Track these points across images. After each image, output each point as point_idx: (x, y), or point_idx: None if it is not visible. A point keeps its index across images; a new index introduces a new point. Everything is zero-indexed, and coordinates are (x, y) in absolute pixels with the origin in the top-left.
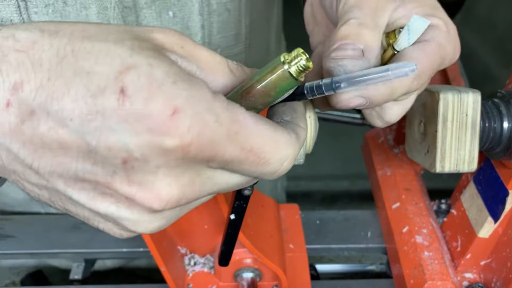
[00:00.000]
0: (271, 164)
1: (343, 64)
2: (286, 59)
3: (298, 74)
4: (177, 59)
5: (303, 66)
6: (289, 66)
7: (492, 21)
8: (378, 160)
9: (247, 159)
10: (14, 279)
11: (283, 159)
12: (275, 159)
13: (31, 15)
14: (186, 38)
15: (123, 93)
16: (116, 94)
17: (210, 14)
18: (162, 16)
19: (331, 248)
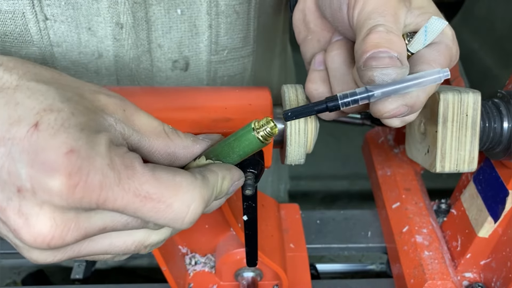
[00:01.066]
0: (174, 208)
1: (388, 72)
2: (256, 126)
3: (265, 139)
4: (115, 122)
5: (269, 133)
6: (257, 132)
7: (491, 21)
8: (378, 160)
9: (144, 205)
10: (15, 279)
11: (188, 202)
12: (178, 202)
13: (43, 8)
14: (128, 103)
15: (35, 126)
16: (28, 126)
17: (218, 14)
18: (170, 13)
19: (332, 248)
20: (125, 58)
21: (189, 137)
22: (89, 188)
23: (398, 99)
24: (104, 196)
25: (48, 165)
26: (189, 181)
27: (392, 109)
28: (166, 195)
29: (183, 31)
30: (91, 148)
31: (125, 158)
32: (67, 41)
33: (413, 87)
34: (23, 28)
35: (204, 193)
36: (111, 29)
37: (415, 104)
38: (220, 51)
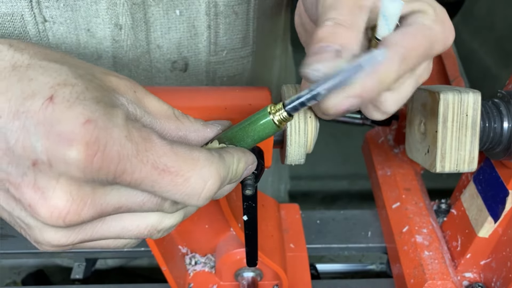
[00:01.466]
0: (191, 183)
1: (318, 68)
2: (272, 110)
3: (280, 123)
4: (127, 102)
5: (285, 118)
6: (273, 116)
7: (491, 21)
8: (378, 160)
9: (161, 178)
10: (15, 279)
11: (205, 177)
12: (195, 177)
13: (42, 10)
14: (139, 86)
15: (50, 99)
16: (44, 99)
17: (217, 15)
18: (169, 14)
19: (332, 248)
20: (124, 59)
21: (199, 121)
22: (107, 159)
23: (339, 92)
24: (122, 167)
25: (65, 136)
26: (206, 157)
27: (334, 106)
28: (184, 168)
29: (182, 32)
30: (108, 120)
31: (143, 131)
32: (66, 42)
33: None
34: (22, 30)
35: (221, 170)
36: (110, 31)
37: (362, 93)
38: (219, 52)
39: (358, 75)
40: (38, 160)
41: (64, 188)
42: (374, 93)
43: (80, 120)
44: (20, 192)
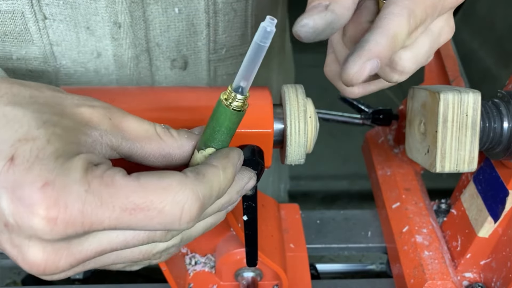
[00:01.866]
0: (167, 212)
1: (305, 23)
2: (225, 97)
3: (240, 107)
4: (100, 135)
5: (241, 99)
6: (229, 103)
7: (491, 21)
8: (378, 160)
9: (134, 217)
10: (15, 279)
11: (180, 203)
12: (169, 205)
13: (42, 7)
14: (115, 110)
15: (11, 160)
16: (5, 160)
17: (216, 13)
18: (168, 12)
19: (332, 248)
20: (124, 57)
21: (183, 135)
22: (71, 218)
23: (357, 59)
24: (89, 221)
25: (25, 201)
26: (179, 181)
27: (357, 71)
28: (155, 201)
29: (181, 30)
30: (66, 176)
31: (104, 177)
32: (66, 40)
33: (255, 54)
34: (23, 27)
35: (197, 190)
36: (109, 29)
37: (380, 52)
38: (218, 50)
39: (259, 52)
40: (8, 222)
41: (36, 246)
42: (390, 50)
43: (38, 184)
44: (2, 246)
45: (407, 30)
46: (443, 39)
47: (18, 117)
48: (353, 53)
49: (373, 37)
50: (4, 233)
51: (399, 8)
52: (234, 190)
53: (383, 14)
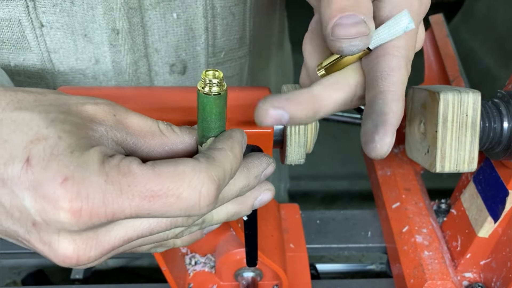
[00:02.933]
0: (185, 197)
1: (356, 44)
2: (202, 86)
3: (218, 91)
4: (106, 130)
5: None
6: (208, 90)
7: (492, 21)
8: (378, 160)
9: (154, 204)
10: (15, 279)
11: (197, 187)
12: (187, 190)
13: (39, 15)
14: (118, 107)
15: (28, 162)
16: (22, 162)
17: (214, 17)
18: (166, 18)
19: (332, 248)
20: (122, 63)
21: (185, 131)
22: (94, 209)
23: (384, 137)
24: (111, 210)
25: (48, 198)
26: (193, 166)
27: (388, 149)
28: (172, 187)
29: (180, 34)
30: (84, 169)
31: (121, 166)
32: (63, 47)
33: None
34: (20, 35)
35: (211, 173)
36: (107, 35)
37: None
38: (217, 53)
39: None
40: (35, 221)
41: (66, 239)
42: (403, 109)
43: (58, 180)
44: (33, 246)
45: (407, 77)
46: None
47: (26, 121)
48: (378, 132)
49: (388, 107)
50: (33, 233)
51: (396, 59)
52: (252, 175)
53: (384, 71)
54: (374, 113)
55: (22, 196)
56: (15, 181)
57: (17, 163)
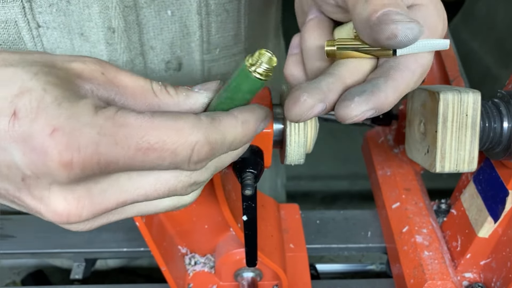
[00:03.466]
0: (179, 152)
1: (411, 27)
2: (251, 62)
3: (265, 75)
4: (94, 88)
5: (267, 68)
6: (254, 70)
7: (491, 21)
8: (378, 160)
9: (147, 156)
10: (14, 279)
11: (191, 144)
12: (182, 146)
13: (35, 16)
14: (108, 65)
15: (14, 115)
16: (8, 116)
17: (208, 14)
18: (161, 15)
19: (331, 248)
20: (119, 62)
21: (181, 93)
22: (85, 159)
23: (363, 103)
24: (104, 161)
25: (38, 150)
26: (191, 124)
27: (356, 115)
28: (168, 142)
29: (174, 32)
30: (75, 121)
31: (116, 118)
32: (60, 47)
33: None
34: (17, 36)
35: (209, 134)
36: (103, 34)
37: (383, 105)
38: (212, 50)
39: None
40: (24, 175)
41: (57, 195)
42: (392, 105)
43: (47, 132)
44: (24, 203)
45: (412, 88)
46: None
47: (9, 76)
48: (362, 95)
49: (385, 87)
50: (22, 189)
51: (416, 65)
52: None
53: (399, 64)
54: (370, 83)
55: (10, 150)
56: (2, 134)
57: (4, 117)
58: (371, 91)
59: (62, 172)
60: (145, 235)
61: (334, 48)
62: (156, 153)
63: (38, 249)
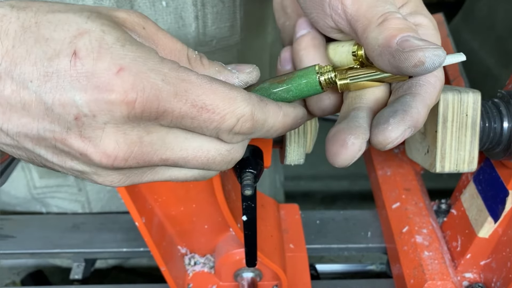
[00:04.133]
0: (227, 120)
1: (439, 54)
2: (320, 70)
3: (326, 85)
4: (136, 37)
5: (332, 80)
6: (321, 74)
7: (492, 21)
8: (378, 160)
9: (200, 115)
10: (14, 279)
11: (239, 115)
12: (231, 114)
13: None
14: (149, 22)
15: (75, 55)
16: (69, 56)
17: (204, 5)
18: (155, 6)
19: (331, 248)
20: None
21: (214, 67)
22: (148, 102)
23: (400, 124)
24: (162, 108)
25: (102, 88)
26: (243, 97)
27: (396, 137)
28: (220, 106)
29: (170, 23)
30: (141, 63)
31: (180, 71)
32: None
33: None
34: None
35: (255, 111)
36: None
37: (418, 122)
38: (208, 42)
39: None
40: (80, 113)
41: (110, 136)
42: (424, 121)
43: (113, 70)
44: (69, 145)
45: (435, 102)
46: None
47: (62, 20)
48: (395, 116)
49: (415, 104)
50: (72, 129)
51: (435, 79)
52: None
53: (420, 80)
54: (398, 103)
55: (69, 88)
56: (62, 73)
57: (63, 57)
58: (403, 110)
59: (124, 110)
60: (145, 235)
61: (348, 81)
62: (207, 114)
63: (38, 249)
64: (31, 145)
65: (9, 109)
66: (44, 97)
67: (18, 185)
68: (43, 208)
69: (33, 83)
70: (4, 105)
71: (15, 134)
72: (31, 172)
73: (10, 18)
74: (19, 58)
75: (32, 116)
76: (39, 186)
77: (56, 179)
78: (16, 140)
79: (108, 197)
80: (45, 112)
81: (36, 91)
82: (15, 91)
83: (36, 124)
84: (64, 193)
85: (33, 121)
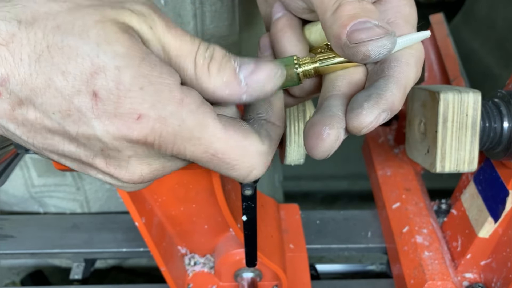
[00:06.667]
0: (238, 170)
1: (384, 44)
2: (298, 61)
3: (303, 77)
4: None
5: (309, 72)
6: (298, 67)
7: (492, 21)
8: (378, 160)
9: (211, 161)
10: (14, 279)
11: (250, 168)
12: (242, 166)
13: None
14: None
15: (95, 95)
16: (89, 95)
17: (202, 3)
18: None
19: (331, 248)
20: None
21: (221, 76)
22: (163, 144)
23: (374, 107)
24: (177, 150)
25: (124, 131)
26: (256, 147)
27: (371, 121)
28: (232, 156)
29: None
30: (160, 109)
31: (198, 113)
32: None
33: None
34: None
35: (268, 159)
36: None
37: (393, 104)
38: (206, 40)
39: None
40: (104, 147)
41: (135, 166)
42: (401, 103)
43: (133, 117)
44: (95, 166)
45: (414, 80)
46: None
47: (72, 48)
48: (369, 100)
49: (388, 86)
50: (98, 156)
51: (408, 56)
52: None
53: (392, 61)
54: (372, 87)
55: (92, 124)
56: (83, 110)
57: (84, 96)
58: (377, 93)
59: (144, 151)
60: (145, 235)
61: (317, 64)
62: (218, 161)
63: (38, 249)
64: (57, 158)
65: (34, 131)
66: (68, 129)
67: (16, 184)
68: (40, 208)
69: (55, 115)
70: (28, 126)
71: (42, 149)
72: (29, 171)
73: (21, 40)
74: (39, 89)
75: (57, 140)
76: (37, 185)
77: (55, 178)
78: (42, 152)
79: (106, 197)
80: (70, 140)
81: (59, 123)
82: (39, 118)
83: (61, 146)
84: (62, 192)
85: (58, 143)
